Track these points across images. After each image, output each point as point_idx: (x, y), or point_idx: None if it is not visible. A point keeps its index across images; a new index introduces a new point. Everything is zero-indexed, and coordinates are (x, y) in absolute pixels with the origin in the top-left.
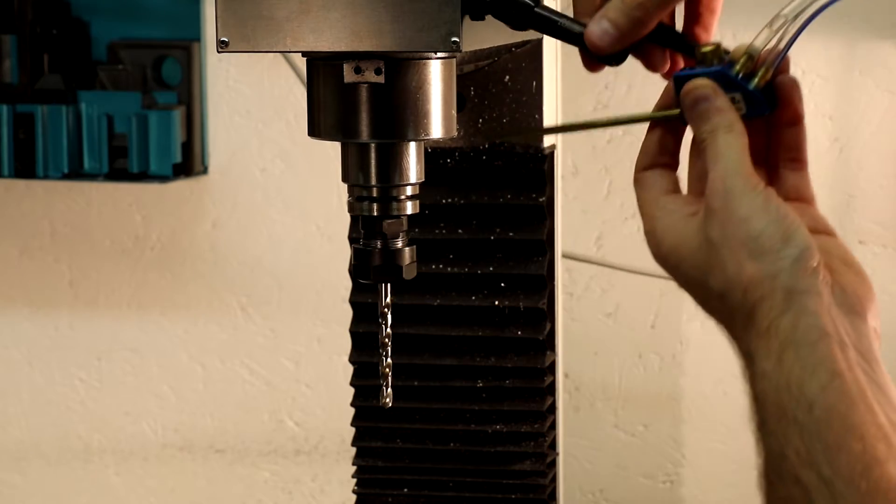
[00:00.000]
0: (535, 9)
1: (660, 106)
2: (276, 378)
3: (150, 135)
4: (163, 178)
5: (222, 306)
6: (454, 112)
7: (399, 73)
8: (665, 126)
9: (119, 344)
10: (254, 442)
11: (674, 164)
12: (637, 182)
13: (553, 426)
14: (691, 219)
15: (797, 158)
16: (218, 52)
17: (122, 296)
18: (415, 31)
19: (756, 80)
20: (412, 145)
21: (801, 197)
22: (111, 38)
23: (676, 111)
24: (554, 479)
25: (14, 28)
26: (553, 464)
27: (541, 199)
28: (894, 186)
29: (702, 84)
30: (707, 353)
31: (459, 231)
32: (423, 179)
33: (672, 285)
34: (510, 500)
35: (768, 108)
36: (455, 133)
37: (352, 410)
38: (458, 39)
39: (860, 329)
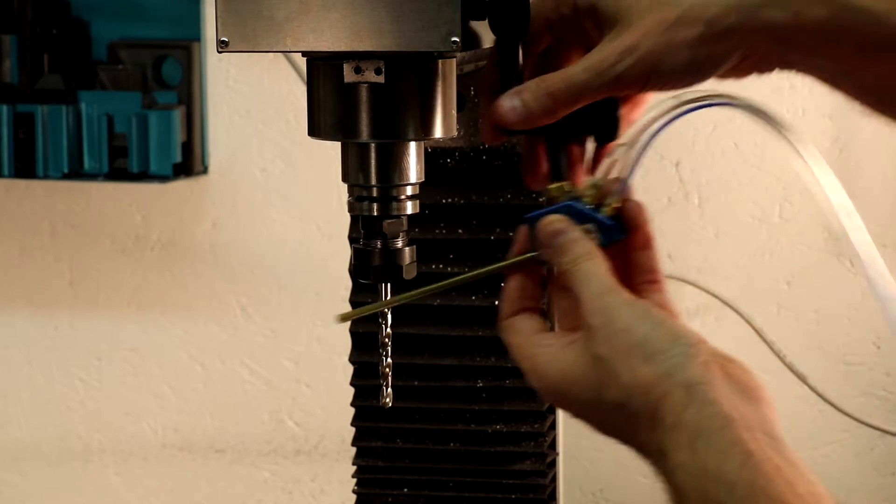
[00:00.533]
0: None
1: (515, 252)
2: (276, 378)
3: (150, 135)
4: (163, 178)
5: (222, 306)
6: (454, 112)
7: (399, 72)
8: (524, 272)
9: (119, 344)
10: (254, 442)
11: (537, 308)
12: (505, 330)
13: (553, 426)
14: (571, 346)
15: (654, 280)
16: (218, 52)
17: (122, 296)
18: (415, 31)
19: (605, 209)
20: (412, 145)
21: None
22: (111, 38)
23: (534, 253)
24: (554, 479)
25: (14, 28)
26: (553, 464)
27: (540, 200)
28: (894, 186)
29: (554, 220)
30: None
31: (459, 231)
32: (423, 179)
33: (673, 283)
34: (510, 500)
35: (622, 234)
36: (455, 133)
37: (352, 410)
38: (458, 39)
39: (761, 412)
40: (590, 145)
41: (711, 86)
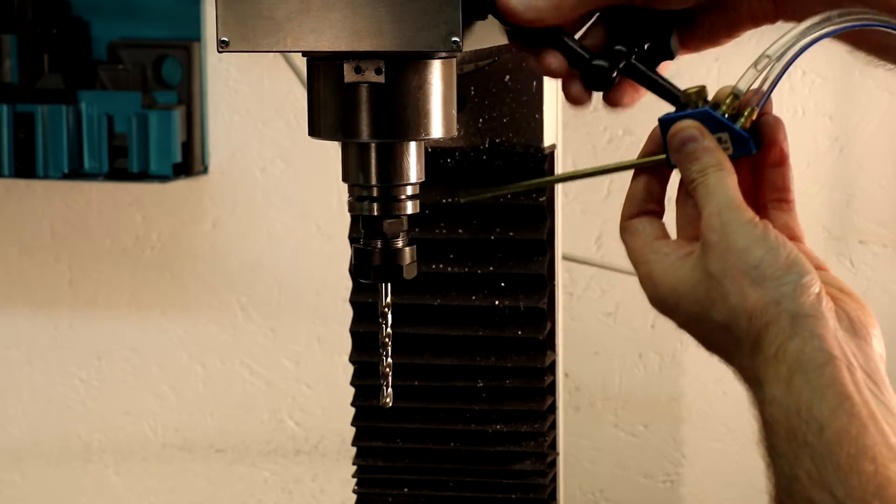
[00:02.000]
0: None
1: (645, 152)
2: (276, 378)
3: (150, 135)
4: (163, 178)
5: (222, 306)
6: (454, 112)
7: (399, 72)
8: (651, 172)
9: (119, 344)
10: (254, 442)
11: (660, 212)
12: (625, 230)
13: (553, 426)
14: (687, 258)
15: (784, 199)
16: (218, 51)
17: (122, 296)
18: (415, 31)
19: (742, 120)
20: (412, 145)
21: (791, 236)
22: (111, 37)
23: (663, 156)
24: (554, 479)
25: (14, 28)
26: (553, 464)
27: (541, 199)
28: (894, 186)
29: (688, 125)
30: (707, 352)
31: (459, 231)
32: (424, 179)
33: None
34: (510, 500)
35: (755, 148)
36: (455, 133)
37: (352, 410)
38: (458, 39)
39: (866, 352)
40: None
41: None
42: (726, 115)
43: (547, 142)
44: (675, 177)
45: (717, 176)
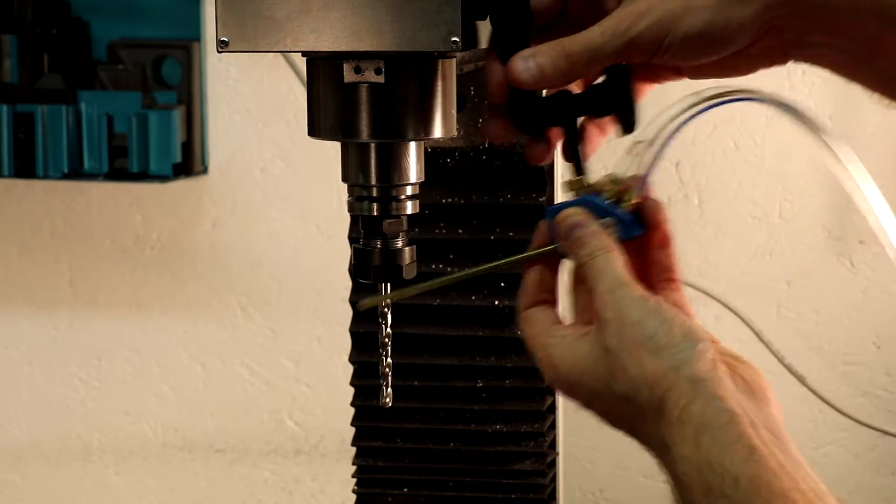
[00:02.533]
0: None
1: (535, 245)
2: (276, 378)
3: (150, 135)
4: (163, 178)
5: (222, 306)
6: (454, 112)
7: (399, 72)
8: (543, 264)
9: (119, 344)
10: (254, 442)
11: (554, 301)
12: (523, 321)
13: (553, 426)
14: (584, 338)
15: (671, 278)
16: (218, 51)
17: (122, 296)
18: (415, 31)
19: (625, 205)
20: (412, 145)
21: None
22: (111, 37)
23: (554, 246)
24: (554, 479)
25: (14, 28)
26: (553, 464)
27: (541, 199)
28: (894, 186)
29: (573, 212)
30: None
31: (459, 231)
32: (423, 179)
33: None
34: (510, 500)
35: (640, 230)
36: (455, 133)
37: (352, 410)
38: (458, 39)
39: (766, 412)
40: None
41: (717, 84)
42: (608, 202)
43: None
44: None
45: (605, 258)
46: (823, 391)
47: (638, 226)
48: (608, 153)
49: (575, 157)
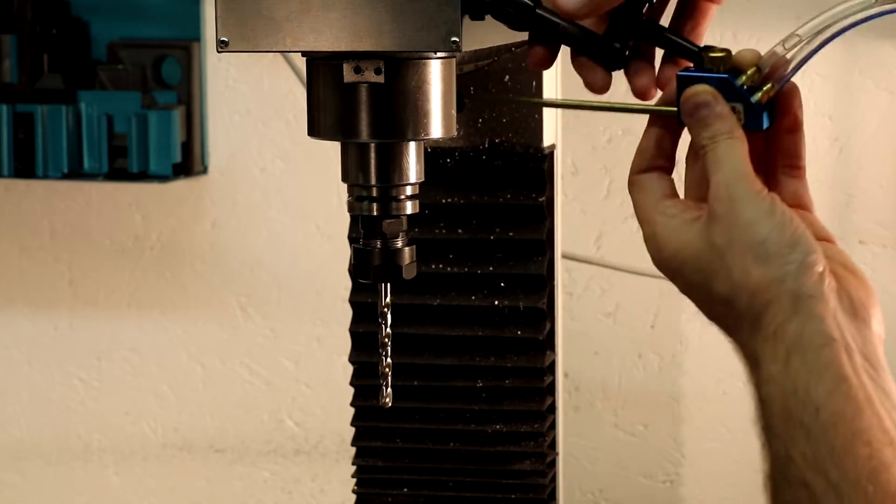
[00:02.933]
0: (537, 10)
1: (661, 102)
2: (276, 378)
3: (150, 135)
4: (163, 178)
5: (222, 306)
6: (454, 112)
7: (399, 72)
8: (663, 127)
9: (119, 344)
10: (253, 442)
11: (670, 168)
12: (633, 185)
13: (553, 426)
14: (693, 223)
15: (796, 165)
16: (218, 51)
17: (122, 296)
18: (415, 31)
19: (759, 94)
20: (412, 145)
21: (800, 204)
22: (111, 37)
23: (675, 109)
24: (554, 479)
25: (14, 28)
26: (553, 464)
27: (541, 199)
28: (894, 186)
29: (702, 90)
30: (707, 353)
31: (459, 231)
32: (423, 179)
33: (672, 285)
34: (510, 500)
35: (768, 123)
36: (455, 133)
37: (352, 410)
38: (458, 39)
39: (865, 335)
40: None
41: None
42: (745, 87)
43: (546, 142)
44: (686, 134)
45: (727, 144)
46: None
47: (767, 118)
48: (608, 153)
49: (679, 46)
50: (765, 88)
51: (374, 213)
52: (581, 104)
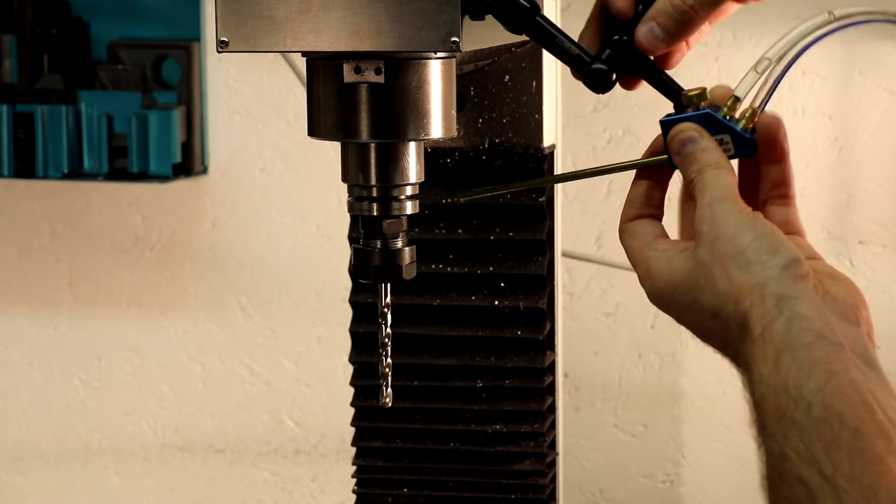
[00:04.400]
0: (536, 17)
1: (648, 154)
2: (276, 378)
3: (150, 135)
4: (163, 178)
5: (222, 306)
6: (454, 112)
7: (399, 73)
8: (652, 176)
9: (119, 344)
10: (253, 442)
11: (659, 215)
12: (624, 232)
13: (553, 426)
14: (682, 253)
15: (785, 194)
16: (218, 52)
17: (122, 296)
18: (415, 31)
19: (743, 121)
20: (412, 145)
21: (791, 231)
22: (111, 37)
23: (665, 157)
24: (554, 479)
25: (14, 28)
26: (553, 464)
27: (541, 199)
28: (894, 186)
29: (687, 127)
30: (707, 352)
31: (459, 231)
32: (423, 179)
33: None
34: (510, 500)
35: (754, 149)
36: (455, 133)
37: (352, 410)
38: (458, 39)
39: (856, 333)
40: None
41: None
42: (727, 117)
43: (546, 142)
44: (677, 179)
45: (713, 173)
46: None
47: (753, 144)
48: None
49: (663, 82)
50: (747, 115)
51: (375, 213)
52: (574, 175)
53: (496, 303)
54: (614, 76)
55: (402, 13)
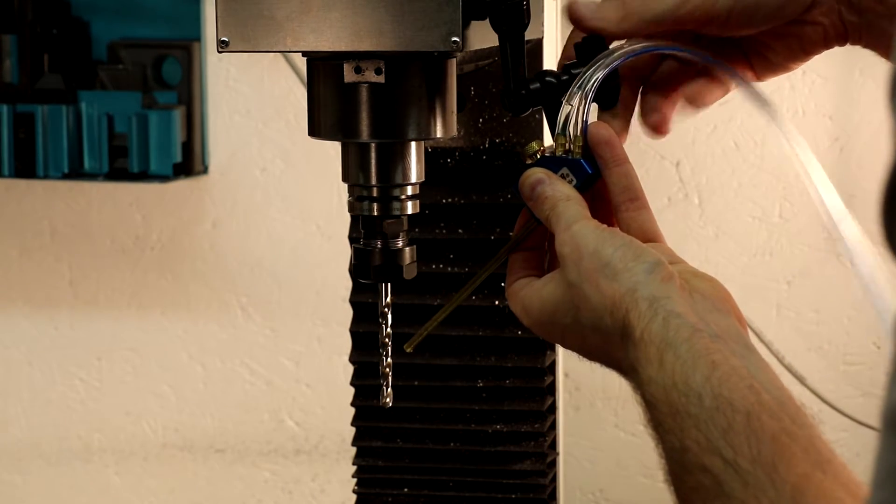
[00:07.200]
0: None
1: (516, 230)
2: (276, 378)
3: (151, 135)
4: (163, 178)
5: (222, 306)
6: (454, 112)
7: (399, 72)
8: (523, 250)
9: (119, 344)
10: (254, 442)
11: (539, 275)
12: (509, 296)
13: (553, 426)
14: (550, 279)
15: (634, 198)
16: (218, 51)
17: (122, 296)
18: (415, 31)
19: (574, 149)
20: (412, 145)
21: (649, 237)
22: (111, 37)
23: (529, 221)
24: (554, 479)
25: (14, 28)
26: (553, 464)
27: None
28: None
29: (532, 171)
30: None
31: (459, 231)
32: (424, 179)
33: None
34: (510, 500)
35: (595, 169)
36: (455, 133)
37: (352, 410)
38: (458, 39)
39: (728, 321)
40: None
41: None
42: (560, 154)
43: (547, 142)
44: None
45: (565, 204)
46: (823, 391)
47: (590, 163)
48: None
49: (552, 123)
50: (574, 142)
51: (375, 213)
52: (469, 287)
53: (496, 303)
54: (528, 106)
55: (402, 13)
